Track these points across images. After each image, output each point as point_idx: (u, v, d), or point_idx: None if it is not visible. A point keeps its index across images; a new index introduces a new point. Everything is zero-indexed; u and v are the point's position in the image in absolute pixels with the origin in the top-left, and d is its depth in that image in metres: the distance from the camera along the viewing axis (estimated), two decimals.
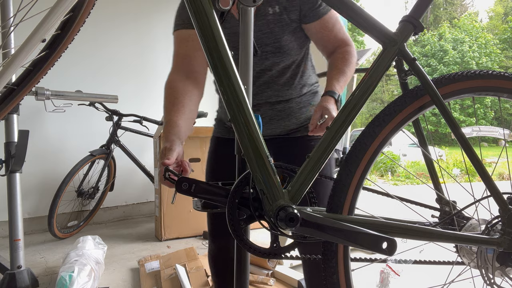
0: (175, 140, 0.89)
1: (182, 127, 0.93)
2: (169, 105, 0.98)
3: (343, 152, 2.14)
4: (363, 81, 0.74)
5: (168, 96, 1.00)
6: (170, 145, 0.87)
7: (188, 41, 1.07)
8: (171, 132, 0.91)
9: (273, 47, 1.11)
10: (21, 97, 0.83)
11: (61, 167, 2.85)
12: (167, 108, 0.98)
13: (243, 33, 0.81)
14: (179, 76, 1.03)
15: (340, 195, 0.74)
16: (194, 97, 1.03)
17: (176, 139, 0.89)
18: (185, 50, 1.07)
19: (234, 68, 0.70)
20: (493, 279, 0.78)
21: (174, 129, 0.92)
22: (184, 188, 0.71)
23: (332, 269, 0.74)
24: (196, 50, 1.06)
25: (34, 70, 0.80)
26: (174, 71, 1.06)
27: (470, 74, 0.78)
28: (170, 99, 0.99)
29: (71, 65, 2.98)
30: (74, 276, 1.59)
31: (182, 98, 0.99)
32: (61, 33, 0.79)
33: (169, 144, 0.87)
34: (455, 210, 0.89)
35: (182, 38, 1.08)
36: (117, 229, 3.09)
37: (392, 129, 0.75)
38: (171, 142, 0.88)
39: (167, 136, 0.90)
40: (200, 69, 1.07)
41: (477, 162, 0.74)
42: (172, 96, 1.00)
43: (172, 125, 0.92)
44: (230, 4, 0.80)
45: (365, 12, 0.74)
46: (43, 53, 0.79)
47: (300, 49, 1.15)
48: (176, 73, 1.05)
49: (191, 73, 1.04)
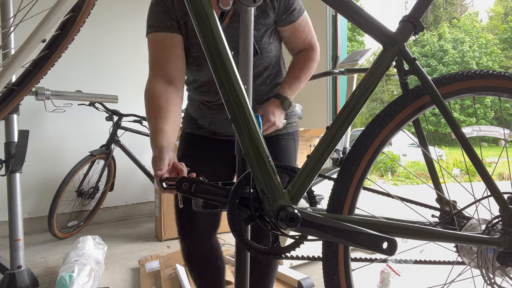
0: (164, 147, 0.87)
1: (169, 132, 0.92)
2: (153, 112, 0.96)
3: (343, 152, 2.14)
4: (363, 81, 0.74)
5: (151, 104, 0.98)
6: (158, 153, 0.85)
7: (165, 46, 1.03)
8: (159, 139, 0.89)
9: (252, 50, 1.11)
10: (21, 97, 0.83)
11: (61, 167, 2.85)
12: (152, 116, 0.95)
13: (243, 33, 0.81)
14: (159, 83, 1.00)
15: (340, 195, 0.74)
16: (176, 102, 1.00)
17: (164, 144, 0.87)
18: (163, 56, 1.03)
19: (234, 68, 0.70)
20: (494, 279, 0.78)
21: (162, 135, 0.90)
22: (184, 188, 0.71)
23: (333, 269, 0.74)
24: (173, 55, 1.03)
25: (34, 70, 0.80)
26: (153, 78, 1.02)
27: (471, 74, 0.78)
28: (153, 107, 0.97)
29: (71, 65, 2.97)
30: (74, 276, 1.59)
31: (165, 105, 0.96)
32: (61, 33, 0.79)
33: (158, 152, 0.85)
34: (455, 210, 0.89)
35: (158, 42, 1.04)
36: (117, 229, 3.09)
37: (393, 129, 0.75)
38: (159, 150, 0.86)
39: (155, 144, 0.88)
40: (178, 74, 1.04)
41: (478, 162, 0.74)
42: (154, 103, 0.97)
43: (159, 132, 0.91)
44: (230, 4, 0.80)
45: (365, 12, 0.74)
46: (43, 53, 0.79)
47: (277, 50, 1.16)
48: (156, 80, 1.01)
49: (170, 80, 1.01)
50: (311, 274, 1.93)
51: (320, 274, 1.35)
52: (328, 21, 3.67)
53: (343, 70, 2.10)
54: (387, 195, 0.88)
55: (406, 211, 0.93)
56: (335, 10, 0.77)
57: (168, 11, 1.03)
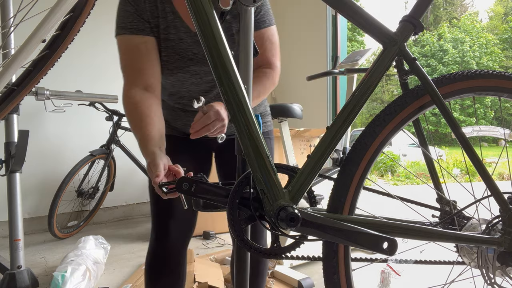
0: (155, 152, 0.84)
1: (157, 138, 0.89)
2: (137, 121, 0.92)
3: (343, 152, 2.14)
4: (363, 81, 0.74)
5: (132, 113, 0.94)
6: (152, 160, 0.82)
7: (140, 52, 0.97)
8: (149, 146, 0.86)
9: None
10: (21, 97, 0.84)
11: (61, 167, 2.85)
12: (136, 125, 0.92)
13: (243, 33, 0.80)
14: (137, 91, 0.96)
15: (340, 195, 0.74)
16: (158, 107, 0.97)
17: (156, 150, 0.85)
18: (139, 63, 0.97)
19: (234, 68, 0.70)
20: (494, 279, 0.78)
21: (150, 141, 0.87)
22: (184, 188, 0.71)
23: (333, 269, 0.74)
24: (150, 61, 0.98)
25: (34, 70, 0.80)
26: (130, 86, 0.97)
27: (471, 74, 0.78)
28: (136, 115, 0.93)
29: (71, 65, 2.97)
30: (66, 276, 1.59)
31: (148, 112, 0.93)
32: (61, 33, 0.79)
33: (151, 159, 0.83)
34: (455, 210, 0.89)
35: (133, 47, 0.98)
36: (117, 229, 3.09)
37: (393, 128, 0.75)
38: (152, 156, 0.83)
39: (147, 151, 0.86)
40: (156, 81, 1.00)
41: (478, 162, 0.74)
42: (137, 112, 0.93)
43: (147, 139, 0.88)
44: (230, 4, 0.80)
45: (365, 12, 0.74)
46: (43, 53, 0.79)
47: None
48: (133, 88, 0.96)
49: (148, 86, 0.97)
50: (311, 274, 1.93)
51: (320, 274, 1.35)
52: (328, 21, 3.67)
53: (343, 70, 2.10)
54: (387, 195, 0.88)
55: (406, 211, 0.93)
56: (335, 10, 0.77)
57: (140, 12, 0.98)
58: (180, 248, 1.12)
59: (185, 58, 1.04)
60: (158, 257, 1.10)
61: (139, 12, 0.98)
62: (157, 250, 1.10)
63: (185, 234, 1.13)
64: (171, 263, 1.10)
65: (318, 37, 3.76)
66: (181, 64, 1.04)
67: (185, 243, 1.15)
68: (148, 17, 0.99)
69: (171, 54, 1.03)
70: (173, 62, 1.04)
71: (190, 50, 1.03)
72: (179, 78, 1.07)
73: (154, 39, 1.00)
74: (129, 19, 0.97)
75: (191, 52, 1.04)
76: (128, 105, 0.95)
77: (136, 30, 0.97)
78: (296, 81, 4.15)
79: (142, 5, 0.98)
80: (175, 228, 1.09)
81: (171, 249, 1.10)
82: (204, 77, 1.08)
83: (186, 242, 1.15)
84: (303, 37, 3.99)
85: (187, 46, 1.03)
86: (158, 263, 1.10)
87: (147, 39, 0.98)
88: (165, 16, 1.00)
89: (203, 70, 1.06)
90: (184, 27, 1.02)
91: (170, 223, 1.08)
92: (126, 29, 0.97)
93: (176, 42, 1.02)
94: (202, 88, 1.10)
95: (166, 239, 1.09)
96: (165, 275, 1.10)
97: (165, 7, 1.00)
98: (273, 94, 4.46)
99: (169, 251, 1.10)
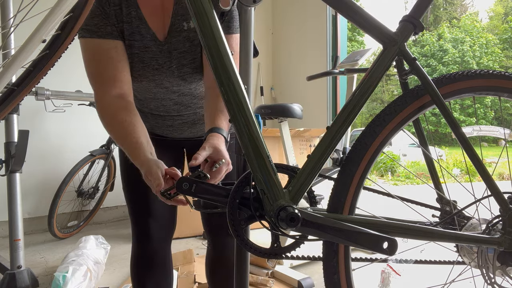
0: (149, 159, 0.79)
1: (145, 143, 0.84)
2: (120, 130, 0.85)
3: (343, 152, 2.14)
4: (363, 81, 0.74)
5: (112, 123, 0.87)
6: (148, 169, 0.77)
7: (110, 58, 0.90)
8: (141, 154, 0.81)
9: (191, 68, 0.99)
10: (21, 97, 0.83)
11: (61, 167, 2.85)
12: (120, 135, 0.85)
13: (243, 33, 0.80)
14: (112, 100, 0.88)
15: (340, 195, 0.74)
16: (136, 114, 0.89)
17: (148, 157, 0.80)
18: (110, 69, 0.90)
19: (234, 68, 0.70)
20: (494, 279, 0.78)
21: (141, 149, 0.82)
22: (184, 188, 0.71)
23: (333, 269, 0.74)
24: (122, 67, 0.91)
25: (34, 71, 0.80)
26: (104, 95, 0.89)
27: (471, 74, 0.78)
28: (117, 125, 0.86)
29: (71, 65, 2.97)
30: (68, 277, 1.59)
31: (129, 119, 0.86)
32: (61, 33, 0.79)
33: (146, 168, 0.78)
34: (455, 210, 0.89)
35: (103, 52, 0.90)
36: (117, 229, 3.09)
37: (393, 129, 0.75)
38: (146, 165, 0.78)
39: (139, 160, 0.80)
40: (129, 88, 0.93)
41: (478, 162, 0.74)
42: (116, 121, 0.86)
43: (135, 146, 0.82)
44: (230, 4, 0.80)
45: (365, 12, 0.74)
46: (43, 54, 0.79)
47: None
48: (106, 96, 0.88)
49: (122, 94, 0.90)
50: (311, 274, 1.93)
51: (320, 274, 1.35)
52: (328, 21, 3.68)
53: (343, 70, 2.10)
54: (387, 195, 0.88)
55: (406, 211, 0.93)
56: (335, 10, 0.77)
57: (106, 15, 0.91)
58: (164, 247, 1.10)
59: (149, 67, 0.98)
60: (143, 259, 1.07)
61: (105, 14, 0.90)
62: (141, 252, 1.08)
63: (166, 232, 1.11)
64: (157, 264, 1.08)
65: (318, 37, 3.77)
66: (145, 73, 0.98)
67: (168, 242, 1.12)
68: (113, 21, 0.91)
69: (135, 61, 0.96)
70: (137, 70, 0.98)
71: (155, 59, 0.97)
72: (144, 86, 1.02)
73: (122, 43, 0.93)
74: (94, 20, 0.89)
75: (157, 62, 0.97)
76: (106, 115, 0.88)
77: (104, 34, 0.90)
78: (296, 81, 4.15)
79: (107, 8, 0.91)
80: (156, 227, 1.06)
81: (155, 249, 1.07)
82: (170, 87, 1.02)
83: (169, 241, 1.13)
84: (303, 37, 3.99)
85: (153, 56, 0.97)
86: (143, 265, 1.07)
87: (117, 44, 0.91)
88: (130, 21, 0.93)
89: (169, 81, 1.01)
90: (150, 34, 0.95)
91: (150, 222, 1.06)
92: (92, 32, 0.89)
93: (141, 50, 0.95)
94: (169, 97, 1.05)
95: (148, 240, 1.06)
96: (152, 277, 1.08)
97: (130, 11, 0.92)
98: (273, 94, 4.47)
99: (153, 252, 1.07)
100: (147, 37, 0.95)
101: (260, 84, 4.26)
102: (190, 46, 0.97)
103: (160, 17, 0.95)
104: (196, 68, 1.00)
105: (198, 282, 1.78)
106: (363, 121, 22.17)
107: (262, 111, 2.07)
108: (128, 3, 0.92)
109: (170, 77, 1.00)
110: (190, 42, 0.97)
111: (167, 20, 0.95)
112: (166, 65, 0.98)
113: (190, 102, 1.08)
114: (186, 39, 0.97)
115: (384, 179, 7.61)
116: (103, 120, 0.88)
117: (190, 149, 1.21)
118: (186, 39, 0.97)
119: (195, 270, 1.90)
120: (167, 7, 0.95)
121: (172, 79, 1.00)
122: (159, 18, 0.95)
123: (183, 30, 0.96)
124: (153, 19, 0.95)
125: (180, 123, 1.13)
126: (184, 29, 0.96)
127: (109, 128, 0.88)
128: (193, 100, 1.08)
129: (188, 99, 1.07)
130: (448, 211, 0.93)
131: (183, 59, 0.98)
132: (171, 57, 0.97)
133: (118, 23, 0.92)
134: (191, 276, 1.84)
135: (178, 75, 1.00)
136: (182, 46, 0.97)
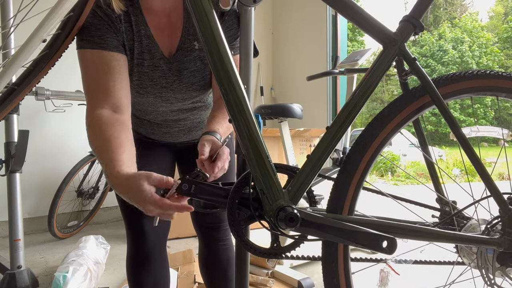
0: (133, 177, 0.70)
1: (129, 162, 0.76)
2: (104, 144, 0.78)
3: (343, 152, 2.14)
4: (363, 81, 0.74)
5: (97, 137, 0.80)
6: (139, 186, 0.68)
7: (111, 70, 0.85)
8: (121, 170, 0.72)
9: (199, 85, 1.01)
10: (22, 97, 0.83)
11: (61, 167, 2.85)
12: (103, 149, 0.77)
13: (244, 33, 0.81)
14: (103, 112, 0.82)
15: (340, 195, 0.74)
16: (128, 132, 0.84)
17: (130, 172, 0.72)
18: (110, 82, 0.84)
19: (234, 68, 0.70)
20: (494, 280, 0.78)
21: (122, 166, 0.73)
22: (184, 189, 0.71)
23: (333, 272, 0.74)
24: (121, 79, 0.86)
25: (34, 70, 0.80)
26: (95, 107, 0.83)
27: (469, 74, 0.78)
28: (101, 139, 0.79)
29: (71, 65, 2.96)
30: (68, 277, 1.58)
31: (117, 134, 0.79)
32: (61, 33, 0.79)
33: (137, 186, 0.68)
34: (455, 210, 0.89)
35: (104, 62, 0.85)
36: (117, 229, 3.09)
37: (392, 129, 0.75)
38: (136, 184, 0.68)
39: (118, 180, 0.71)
40: (127, 101, 0.88)
41: (477, 162, 0.75)
42: (102, 135, 0.79)
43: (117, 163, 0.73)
44: (231, 4, 0.80)
45: (365, 12, 0.74)
46: (44, 53, 0.79)
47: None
48: (98, 109, 0.83)
49: (117, 108, 0.84)
50: (311, 274, 1.93)
51: (320, 274, 1.35)
52: (328, 21, 3.68)
53: (343, 70, 2.10)
54: (387, 196, 0.88)
55: (406, 211, 0.93)
56: (335, 10, 0.77)
57: (114, 29, 0.87)
58: (159, 246, 1.09)
59: (158, 85, 0.98)
60: (139, 259, 1.07)
61: (115, 30, 0.87)
62: (136, 252, 1.07)
63: (161, 231, 1.10)
64: (153, 263, 1.07)
65: (318, 37, 3.77)
66: (153, 90, 0.98)
67: (163, 241, 1.12)
68: (123, 39, 0.89)
69: (143, 79, 0.95)
70: (145, 87, 0.97)
71: (164, 78, 0.97)
72: (149, 101, 1.01)
73: (125, 58, 0.90)
74: (99, 32, 0.85)
75: (166, 81, 0.97)
76: (94, 128, 0.81)
77: (110, 47, 0.86)
78: (296, 81, 4.15)
79: (118, 24, 0.88)
80: (150, 227, 1.05)
81: (150, 249, 1.06)
82: (175, 102, 1.03)
83: (164, 240, 1.12)
84: (303, 37, 3.99)
85: (162, 74, 0.96)
86: (139, 264, 1.07)
87: (120, 57, 0.87)
88: (140, 40, 0.91)
89: (175, 97, 1.01)
90: (159, 52, 0.94)
91: (144, 223, 1.05)
92: (96, 44, 0.84)
93: (151, 69, 0.95)
94: (170, 109, 1.07)
95: (143, 241, 1.05)
96: (149, 276, 1.07)
97: (140, 29, 0.91)
98: (273, 94, 4.47)
99: (149, 251, 1.06)
100: (156, 55, 0.95)
101: (260, 84, 4.26)
102: (200, 65, 0.99)
103: (167, 34, 0.95)
104: (205, 85, 1.02)
105: (198, 282, 1.78)
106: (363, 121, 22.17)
107: (262, 111, 2.07)
108: (137, 21, 0.91)
109: (177, 94, 1.01)
110: (200, 61, 0.98)
111: (174, 37, 0.95)
112: (175, 84, 0.99)
113: (189, 113, 1.11)
114: (198, 58, 0.98)
115: (384, 179, 7.61)
116: (89, 134, 0.83)
117: (181, 154, 1.23)
118: (197, 58, 0.98)
119: (195, 270, 1.90)
120: (174, 23, 0.95)
121: (179, 95, 1.02)
122: (167, 35, 0.95)
123: (194, 49, 0.96)
124: (160, 37, 0.94)
125: (177, 130, 1.15)
126: (195, 48, 0.97)
127: (93, 143, 0.81)
128: (192, 111, 1.11)
129: (188, 112, 1.10)
130: (447, 212, 0.93)
131: (193, 77, 0.99)
132: (181, 76, 0.98)
133: (128, 41, 0.91)
134: (191, 276, 1.84)
135: (185, 92, 1.01)
136: (193, 65, 0.98)
